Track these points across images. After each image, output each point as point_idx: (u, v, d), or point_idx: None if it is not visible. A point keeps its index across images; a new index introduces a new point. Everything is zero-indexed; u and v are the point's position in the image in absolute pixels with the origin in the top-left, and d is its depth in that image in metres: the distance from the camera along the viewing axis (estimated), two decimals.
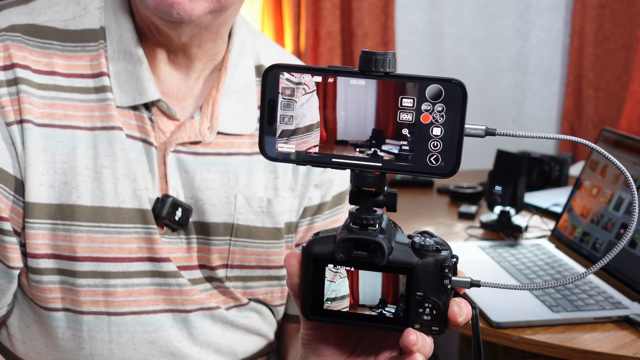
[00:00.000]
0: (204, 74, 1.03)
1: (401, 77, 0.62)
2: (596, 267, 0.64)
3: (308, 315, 0.68)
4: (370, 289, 0.67)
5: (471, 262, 1.58)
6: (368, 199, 0.66)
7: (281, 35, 2.41)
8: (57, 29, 0.97)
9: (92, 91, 0.96)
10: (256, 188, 1.03)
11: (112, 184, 0.95)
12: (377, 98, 0.63)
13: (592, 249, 1.55)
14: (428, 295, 0.66)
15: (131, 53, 0.97)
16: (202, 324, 1.01)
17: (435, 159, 0.62)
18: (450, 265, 0.66)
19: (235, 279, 1.03)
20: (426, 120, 0.62)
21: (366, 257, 0.65)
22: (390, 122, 0.62)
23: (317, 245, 0.67)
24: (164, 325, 0.99)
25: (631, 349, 1.21)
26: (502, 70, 2.80)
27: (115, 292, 0.96)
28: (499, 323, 1.28)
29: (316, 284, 0.67)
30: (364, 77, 0.62)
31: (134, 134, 0.97)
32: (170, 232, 0.99)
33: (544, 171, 2.24)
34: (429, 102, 0.62)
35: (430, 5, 2.67)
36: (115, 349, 0.98)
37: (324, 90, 0.63)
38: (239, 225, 1.02)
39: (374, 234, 0.65)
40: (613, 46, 2.68)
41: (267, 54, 1.09)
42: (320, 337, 0.73)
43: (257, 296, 1.06)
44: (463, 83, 0.61)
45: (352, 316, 0.68)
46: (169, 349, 0.99)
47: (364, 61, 0.62)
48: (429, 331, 0.67)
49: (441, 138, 0.62)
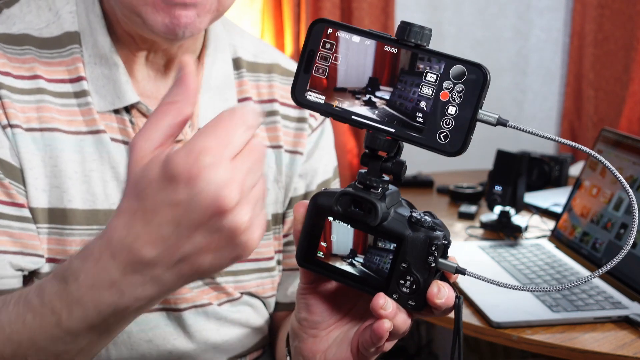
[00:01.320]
0: None
1: (431, 52, 0.64)
2: (600, 271, 0.64)
3: (301, 262, 0.71)
4: (344, 237, 0.70)
5: (471, 262, 1.58)
6: (376, 162, 0.68)
7: (281, 35, 2.41)
8: (32, 36, 0.96)
9: (71, 96, 0.96)
10: None
11: (102, 187, 0.95)
12: (405, 67, 0.65)
13: (592, 249, 1.55)
14: (411, 269, 0.68)
15: (107, 57, 0.96)
16: (196, 321, 1.01)
17: (444, 137, 0.64)
18: (438, 244, 0.67)
19: (226, 273, 1.04)
20: (444, 98, 0.64)
21: (361, 215, 0.68)
22: (412, 93, 0.65)
23: (323, 197, 0.70)
24: (159, 324, 0.99)
25: (631, 349, 1.21)
26: (502, 70, 2.80)
27: None
28: (499, 323, 1.28)
29: (315, 233, 0.70)
30: (397, 44, 0.65)
31: (116, 136, 0.96)
32: None
33: (544, 171, 2.24)
34: (450, 81, 0.64)
35: (430, 5, 2.67)
36: (112, 349, 0.98)
37: (363, 50, 0.66)
38: None
39: (374, 196, 0.67)
40: (613, 46, 2.68)
41: (243, 46, 1.09)
42: (313, 292, 0.74)
43: (249, 289, 1.06)
44: (487, 69, 0.63)
45: (337, 271, 0.70)
46: (165, 347, 1.00)
47: (400, 30, 0.65)
48: (405, 304, 0.68)
49: (455, 117, 0.64)
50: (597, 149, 1.67)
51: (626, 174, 1.54)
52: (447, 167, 2.62)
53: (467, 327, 1.32)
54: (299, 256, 0.72)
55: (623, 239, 1.47)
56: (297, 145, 1.09)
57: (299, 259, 0.72)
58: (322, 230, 0.70)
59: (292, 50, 2.38)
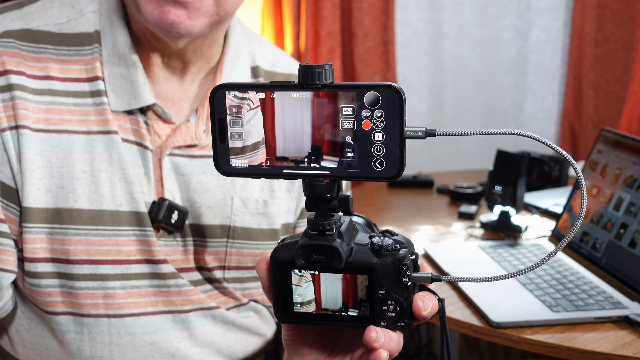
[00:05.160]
0: (199, 77, 1.03)
1: (338, 87, 0.63)
2: (562, 244, 0.64)
3: (280, 317, 0.71)
4: (332, 293, 0.69)
5: (471, 262, 1.58)
6: (322, 205, 0.68)
7: (281, 36, 2.41)
8: (51, 32, 0.97)
9: (87, 95, 0.96)
10: (252, 190, 1.03)
11: (109, 187, 0.95)
12: (318, 109, 0.64)
13: (592, 249, 1.55)
14: (390, 293, 0.68)
15: (126, 58, 0.96)
16: (202, 324, 1.01)
17: (380, 163, 0.64)
18: (408, 263, 0.68)
19: (233, 280, 1.04)
20: (367, 127, 0.63)
21: (325, 260, 0.67)
22: (334, 131, 0.64)
23: (282, 251, 0.69)
24: (164, 327, 0.99)
25: (631, 349, 1.21)
26: (502, 70, 2.80)
27: (114, 295, 0.96)
28: (499, 323, 1.28)
29: (284, 288, 0.70)
30: (303, 89, 0.64)
31: (129, 137, 0.97)
32: (167, 234, 1.00)
33: (544, 171, 2.24)
34: (367, 109, 0.63)
35: (430, 5, 2.67)
36: (116, 351, 0.98)
37: (271, 105, 0.65)
38: (236, 227, 1.02)
39: (330, 239, 0.67)
40: (613, 46, 2.67)
41: (262, 55, 1.09)
42: (299, 337, 0.74)
43: (255, 297, 1.06)
44: (398, 88, 0.62)
45: (321, 317, 0.70)
46: (168, 350, 1.00)
47: (301, 75, 0.64)
48: (395, 327, 0.69)
49: (383, 143, 0.63)
50: (597, 149, 1.67)
51: (626, 174, 1.54)
52: (447, 167, 2.62)
53: (467, 327, 1.32)
54: (277, 313, 0.71)
55: (623, 239, 1.47)
56: None
57: (278, 316, 0.71)
58: (291, 284, 0.70)
59: (292, 50, 2.38)
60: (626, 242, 1.46)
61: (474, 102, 2.80)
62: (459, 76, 2.76)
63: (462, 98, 2.77)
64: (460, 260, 1.59)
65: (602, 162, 1.64)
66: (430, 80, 2.74)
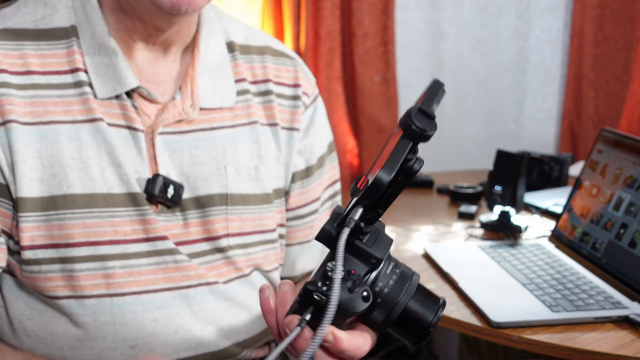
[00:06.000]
0: (178, 56, 1.07)
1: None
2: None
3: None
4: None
5: (471, 262, 1.58)
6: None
7: (281, 36, 2.41)
8: (27, 29, 1.00)
9: (70, 86, 0.99)
10: (243, 158, 1.08)
11: (99, 172, 0.98)
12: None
13: (592, 248, 1.55)
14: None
15: (105, 46, 1.00)
16: (203, 300, 1.04)
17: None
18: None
19: (237, 246, 1.07)
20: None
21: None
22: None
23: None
24: (166, 304, 1.02)
25: (631, 349, 1.21)
26: (502, 70, 2.80)
27: (114, 274, 0.99)
28: (499, 323, 1.28)
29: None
30: None
31: (118, 122, 1.00)
32: (166, 209, 1.03)
33: (544, 171, 2.24)
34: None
35: (430, 5, 2.67)
36: (120, 330, 1.00)
37: None
38: (233, 194, 1.06)
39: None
40: (613, 46, 2.67)
41: (234, 30, 1.14)
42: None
43: (256, 261, 1.09)
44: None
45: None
46: (171, 326, 1.02)
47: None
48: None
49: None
50: (597, 149, 1.67)
51: (626, 174, 1.54)
52: (447, 167, 2.62)
53: (467, 327, 1.32)
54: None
55: (623, 239, 1.47)
56: (293, 122, 1.13)
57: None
58: None
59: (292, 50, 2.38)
60: (626, 242, 1.46)
61: (474, 102, 2.80)
62: (458, 76, 2.76)
63: (462, 98, 2.77)
64: (460, 260, 1.59)
65: (602, 162, 1.64)
66: (430, 80, 2.73)
